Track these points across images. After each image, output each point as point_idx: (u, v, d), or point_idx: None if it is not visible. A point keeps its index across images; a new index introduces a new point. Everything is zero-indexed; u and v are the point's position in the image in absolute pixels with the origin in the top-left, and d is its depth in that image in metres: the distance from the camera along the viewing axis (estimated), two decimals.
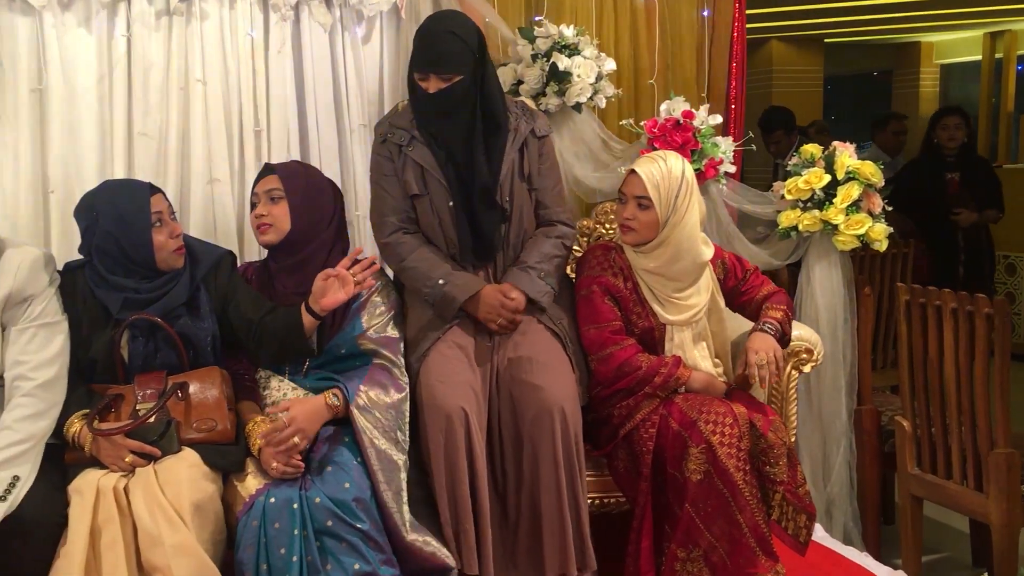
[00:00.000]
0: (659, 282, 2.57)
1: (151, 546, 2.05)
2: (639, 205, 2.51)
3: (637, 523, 2.43)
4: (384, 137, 2.60)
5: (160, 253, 2.33)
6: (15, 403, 2.15)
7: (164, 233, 2.33)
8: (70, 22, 2.81)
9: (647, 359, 2.49)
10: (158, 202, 2.36)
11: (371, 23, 3.14)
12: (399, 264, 2.56)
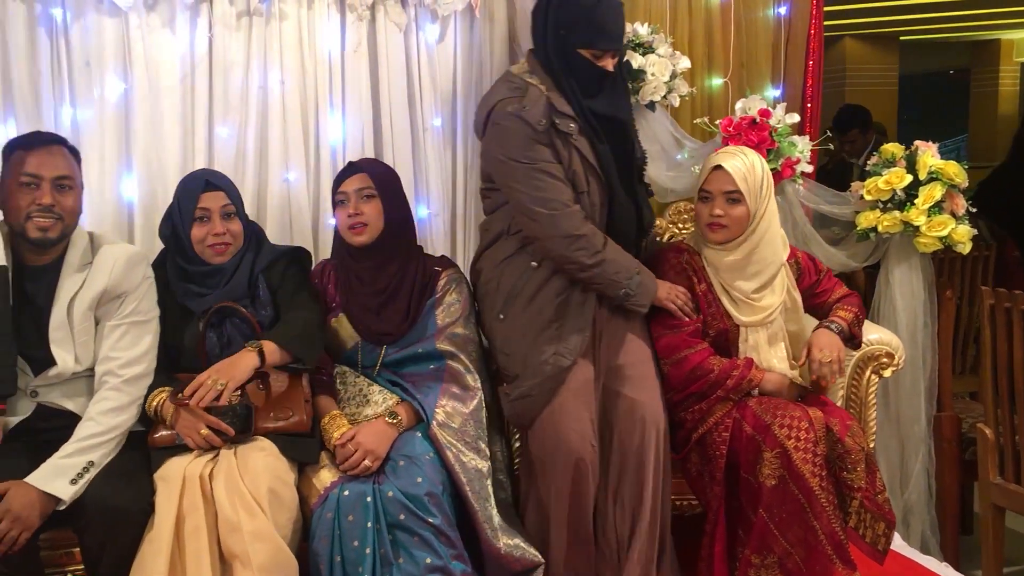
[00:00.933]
0: (735, 281, 2.52)
1: (230, 532, 2.10)
2: (729, 200, 2.46)
3: (711, 528, 2.40)
4: (549, 123, 2.34)
5: (197, 247, 2.40)
6: (101, 395, 2.22)
7: (204, 229, 2.40)
8: (154, 23, 2.88)
9: (719, 362, 2.45)
10: (209, 199, 2.41)
11: (445, 23, 3.16)
12: (594, 256, 2.33)
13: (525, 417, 2.39)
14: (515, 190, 2.36)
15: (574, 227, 2.31)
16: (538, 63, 2.42)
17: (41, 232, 2.17)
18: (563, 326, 2.38)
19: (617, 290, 2.36)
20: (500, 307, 2.44)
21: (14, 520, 1.99)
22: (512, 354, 2.42)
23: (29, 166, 2.18)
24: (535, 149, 2.32)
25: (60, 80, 2.82)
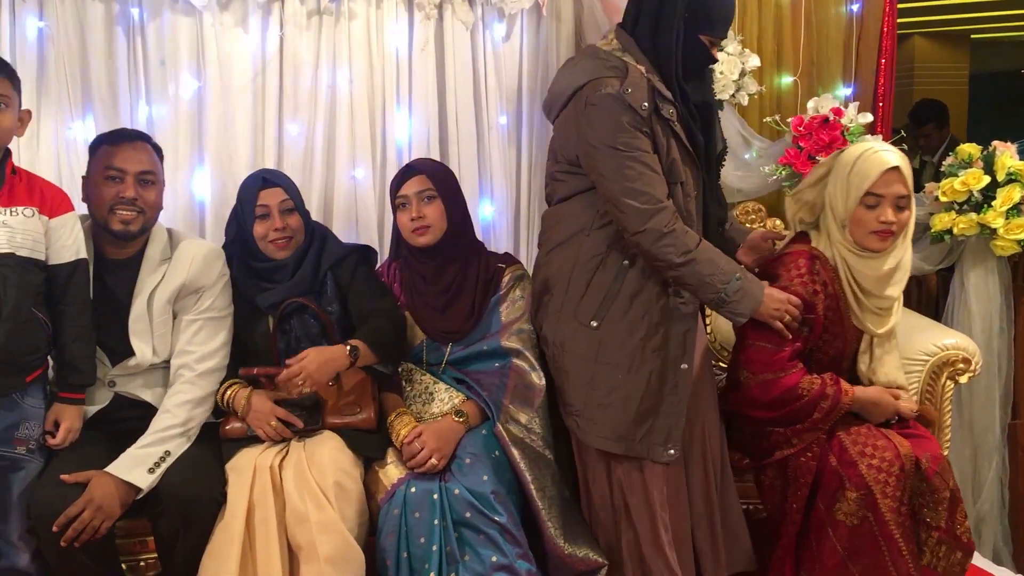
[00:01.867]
0: (884, 290, 2.33)
1: (297, 523, 2.13)
2: (899, 206, 2.26)
3: (783, 551, 2.34)
4: (652, 107, 2.18)
5: (260, 243, 2.44)
6: (177, 388, 2.26)
7: (265, 226, 2.43)
8: (228, 22, 2.94)
9: (810, 387, 2.26)
10: (267, 196, 2.45)
11: (512, 21, 3.16)
12: (684, 256, 2.16)
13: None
14: (605, 179, 2.18)
15: (664, 223, 2.14)
16: (632, 41, 2.24)
17: (123, 225, 2.22)
18: (670, 329, 2.27)
19: (710, 293, 2.19)
20: (592, 312, 2.26)
21: (96, 509, 2.04)
22: (613, 363, 2.25)
23: (114, 160, 2.24)
24: (634, 137, 2.15)
25: (136, 78, 2.89)
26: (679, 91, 2.22)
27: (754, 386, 2.31)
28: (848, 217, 2.28)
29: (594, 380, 2.26)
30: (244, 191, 2.48)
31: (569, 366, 2.30)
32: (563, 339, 2.31)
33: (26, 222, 2.07)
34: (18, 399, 2.11)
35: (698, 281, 2.18)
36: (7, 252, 2.03)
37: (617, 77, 2.18)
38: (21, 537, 2.11)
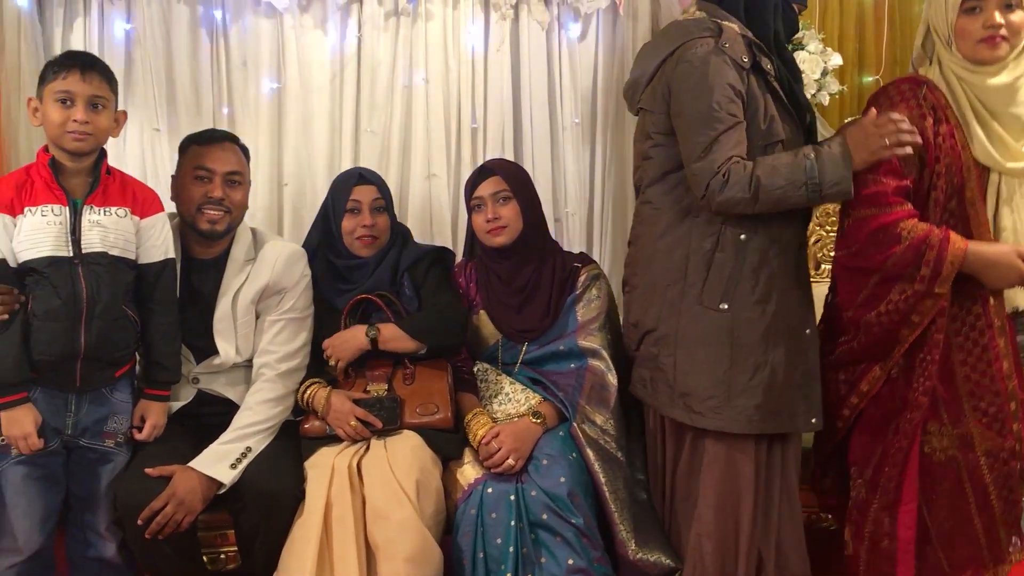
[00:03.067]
0: (999, 102, 2.03)
1: (376, 520, 2.14)
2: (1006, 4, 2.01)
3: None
4: (752, 59, 2.11)
5: (346, 238, 2.47)
6: (258, 387, 2.30)
7: (354, 221, 2.46)
8: (307, 23, 2.98)
9: (912, 230, 1.98)
10: (361, 192, 2.48)
11: (587, 21, 3.15)
12: (753, 188, 2.04)
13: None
14: (689, 134, 2.11)
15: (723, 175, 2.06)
16: (717, 6, 2.19)
17: (210, 225, 2.27)
18: (792, 296, 2.17)
19: (799, 191, 2.03)
20: (719, 295, 2.15)
21: (179, 504, 2.08)
22: (752, 342, 2.14)
23: (203, 161, 2.28)
24: (727, 97, 2.07)
25: (219, 79, 2.96)
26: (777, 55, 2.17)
27: (850, 225, 2.08)
28: (951, 31, 2.05)
29: (734, 366, 2.15)
30: (338, 185, 2.52)
31: (697, 356, 2.18)
32: (682, 330, 2.20)
33: (119, 222, 2.12)
34: (107, 394, 2.17)
35: (780, 194, 2.04)
36: (100, 251, 2.08)
37: (712, 36, 2.11)
38: (108, 528, 2.17)
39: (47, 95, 2.05)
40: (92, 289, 2.06)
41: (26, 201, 2.05)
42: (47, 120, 2.06)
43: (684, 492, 2.29)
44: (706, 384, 2.17)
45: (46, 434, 2.08)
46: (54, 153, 2.08)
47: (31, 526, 2.09)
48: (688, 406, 2.19)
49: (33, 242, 2.04)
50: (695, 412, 2.19)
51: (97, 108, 2.07)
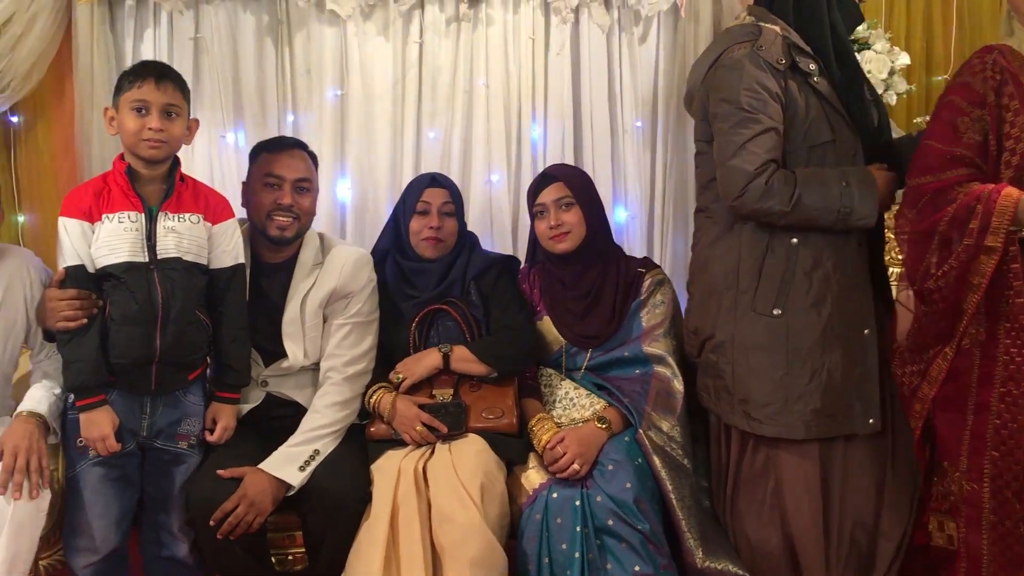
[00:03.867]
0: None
1: (442, 523, 2.15)
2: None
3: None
4: (790, 61, 2.10)
5: (413, 239, 2.49)
6: (325, 390, 2.33)
7: (422, 222, 2.48)
8: (370, 30, 3.01)
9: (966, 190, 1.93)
10: (431, 194, 2.50)
11: (648, 24, 3.13)
12: (792, 203, 2.05)
13: None
14: (721, 136, 2.13)
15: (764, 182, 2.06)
16: (766, 10, 2.21)
17: (279, 231, 2.30)
18: (849, 297, 2.15)
19: (830, 216, 2.06)
20: (772, 300, 2.15)
21: (250, 505, 2.11)
22: (807, 347, 2.13)
23: (273, 168, 2.32)
24: (762, 100, 2.08)
25: (283, 86, 3.00)
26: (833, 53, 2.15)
27: (907, 193, 2.04)
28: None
29: (790, 371, 2.14)
30: (410, 188, 2.56)
31: (753, 362, 2.18)
32: (738, 336, 2.20)
33: (192, 228, 2.16)
34: (181, 397, 2.22)
35: (814, 215, 2.07)
36: (175, 257, 2.13)
37: (749, 40, 2.13)
38: (181, 528, 2.21)
39: (123, 104, 2.10)
40: (167, 294, 2.10)
41: (104, 208, 2.10)
42: (123, 129, 2.10)
43: (748, 498, 2.27)
44: (763, 390, 2.17)
45: (122, 436, 2.14)
46: (130, 161, 2.13)
47: (107, 526, 2.14)
48: (747, 413, 2.20)
49: (111, 248, 2.09)
50: (754, 419, 2.19)
51: (171, 116, 2.11)
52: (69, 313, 2.08)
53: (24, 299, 2.18)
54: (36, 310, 2.18)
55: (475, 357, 2.39)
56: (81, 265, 2.10)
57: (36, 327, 2.21)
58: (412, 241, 2.50)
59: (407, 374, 2.39)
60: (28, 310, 2.18)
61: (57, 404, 2.15)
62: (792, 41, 2.13)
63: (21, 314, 2.18)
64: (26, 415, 2.08)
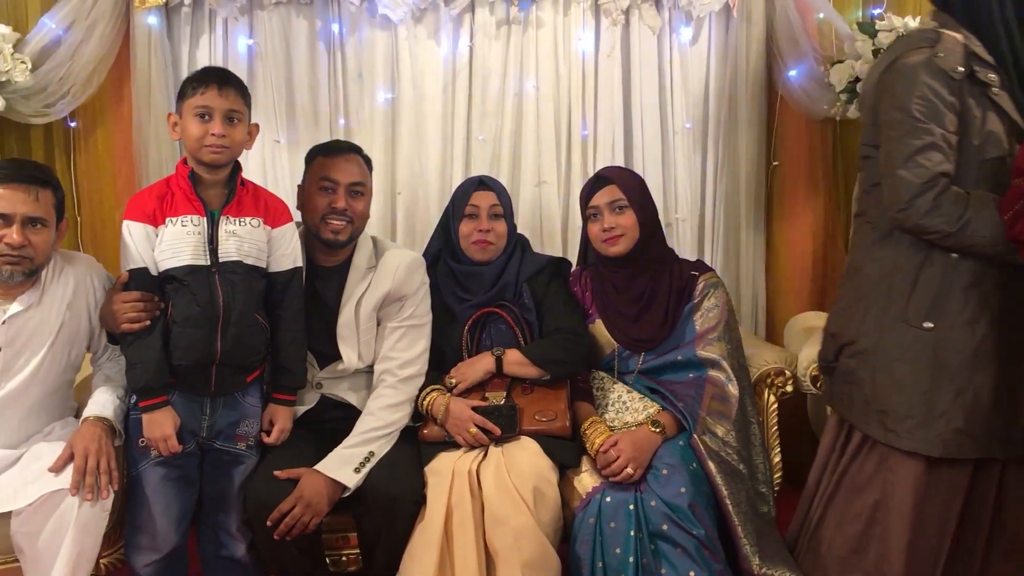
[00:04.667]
0: None
1: (495, 526, 2.15)
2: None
3: None
4: (968, 71, 1.99)
5: (463, 242, 2.50)
6: (379, 392, 2.34)
7: (471, 225, 2.49)
8: (421, 34, 3.03)
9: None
10: (480, 197, 2.51)
11: (699, 24, 3.12)
12: (957, 220, 1.96)
13: None
14: (888, 144, 2.04)
15: (933, 197, 1.96)
16: (947, 16, 2.09)
17: (333, 234, 2.32)
18: (1012, 319, 2.04)
19: (994, 248, 1.96)
20: (924, 312, 2.05)
21: (306, 506, 2.13)
22: (956, 366, 2.04)
23: (327, 171, 2.34)
24: (935, 109, 1.97)
25: (336, 90, 3.03)
26: (1012, 60, 2.04)
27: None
28: None
29: (935, 386, 2.05)
30: (458, 192, 2.57)
31: (897, 374, 2.09)
32: (883, 345, 2.11)
33: (252, 232, 2.19)
34: (239, 398, 2.25)
35: (978, 243, 1.97)
36: (236, 260, 2.16)
37: (928, 46, 2.02)
38: (239, 528, 2.24)
39: (186, 110, 2.13)
40: (228, 296, 2.13)
41: (167, 212, 2.14)
42: (186, 134, 2.14)
43: (843, 507, 2.21)
44: (904, 403, 2.08)
45: (183, 436, 2.17)
46: (192, 166, 2.16)
47: (168, 525, 2.18)
48: (883, 424, 2.10)
49: (174, 251, 2.12)
50: (890, 431, 2.10)
51: (233, 122, 2.14)
52: (132, 315, 2.11)
53: (88, 306, 2.22)
54: (100, 313, 2.23)
55: (528, 361, 2.39)
56: (144, 268, 2.13)
57: (99, 331, 2.25)
58: (462, 244, 2.51)
59: (460, 378, 2.40)
60: (91, 316, 2.23)
61: (121, 407, 2.19)
62: (972, 50, 2.03)
63: (85, 319, 2.22)
64: (93, 419, 2.12)
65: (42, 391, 2.19)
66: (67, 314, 2.18)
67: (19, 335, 2.14)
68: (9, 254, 2.05)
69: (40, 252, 2.10)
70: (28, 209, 2.06)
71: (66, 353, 2.20)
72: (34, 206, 2.07)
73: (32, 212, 2.07)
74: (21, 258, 2.07)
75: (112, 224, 2.90)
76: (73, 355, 2.23)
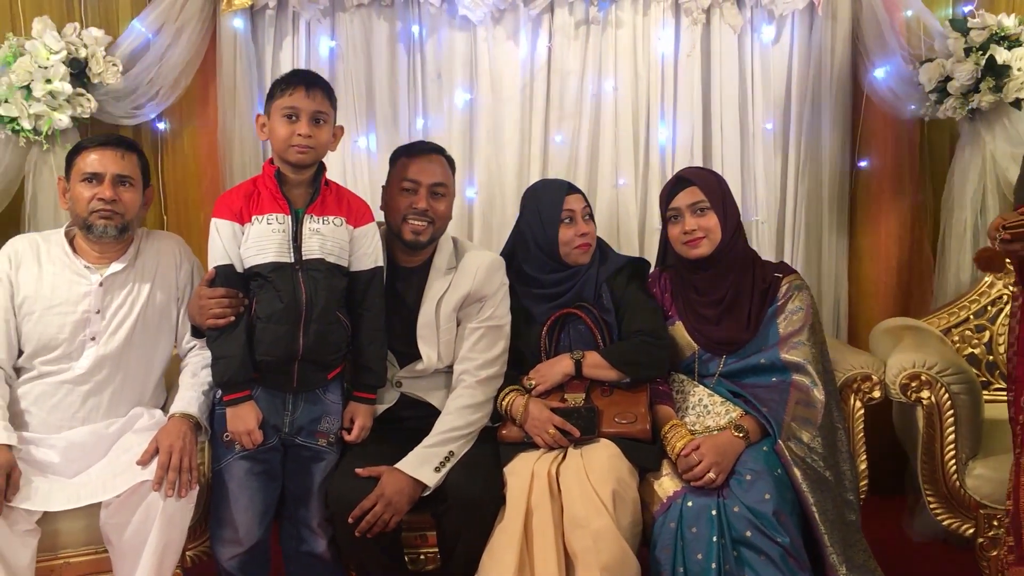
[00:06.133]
0: None
1: (574, 528, 2.13)
2: None
3: None
4: None
5: (564, 248, 2.46)
6: (458, 393, 2.34)
7: (571, 230, 2.46)
8: (500, 35, 3.03)
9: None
10: (573, 201, 2.48)
11: (782, 23, 3.06)
12: None
13: None
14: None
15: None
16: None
17: (414, 235, 2.33)
18: None
19: None
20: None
21: (388, 504, 2.14)
22: None
23: (409, 172, 2.35)
24: None
25: (415, 92, 3.05)
26: None
27: None
28: None
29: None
30: (547, 197, 2.52)
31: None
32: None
33: (335, 231, 2.21)
34: (321, 395, 2.27)
35: None
36: (318, 258, 2.18)
37: None
38: (320, 524, 2.26)
39: (274, 111, 2.17)
40: (311, 293, 2.16)
41: (253, 210, 2.18)
42: (274, 134, 2.17)
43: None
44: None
45: (266, 431, 2.20)
46: (279, 165, 2.20)
47: (251, 519, 2.21)
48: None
49: (259, 248, 2.16)
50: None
51: (319, 123, 2.17)
52: (218, 311, 2.15)
53: (176, 279, 2.36)
54: (187, 308, 2.28)
55: (608, 364, 2.37)
56: (230, 265, 2.17)
57: (184, 309, 2.33)
58: (563, 251, 2.47)
59: (540, 380, 2.39)
60: (178, 288, 2.36)
61: (206, 403, 2.23)
62: None
63: (173, 291, 2.35)
64: (179, 416, 2.17)
65: (135, 360, 2.28)
66: (157, 283, 2.31)
67: (114, 298, 2.26)
68: (103, 209, 2.21)
69: (129, 209, 2.26)
70: (117, 168, 2.24)
71: (156, 325, 2.31)
72: (122, 164, 2.25)
73: (121, 170, 2.25)
74: (113, 213, 2.22)
75: (197, 223, 2.96)
76: (163, 331, 2.33)
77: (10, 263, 2.26)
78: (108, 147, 2.25)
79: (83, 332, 2.24)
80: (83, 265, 2.27)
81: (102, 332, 2.25)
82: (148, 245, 2.36)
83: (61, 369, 2.23)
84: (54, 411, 2.22)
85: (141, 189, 2.31)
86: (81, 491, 2.09)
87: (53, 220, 2.72)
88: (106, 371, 2.25)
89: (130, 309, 2.27)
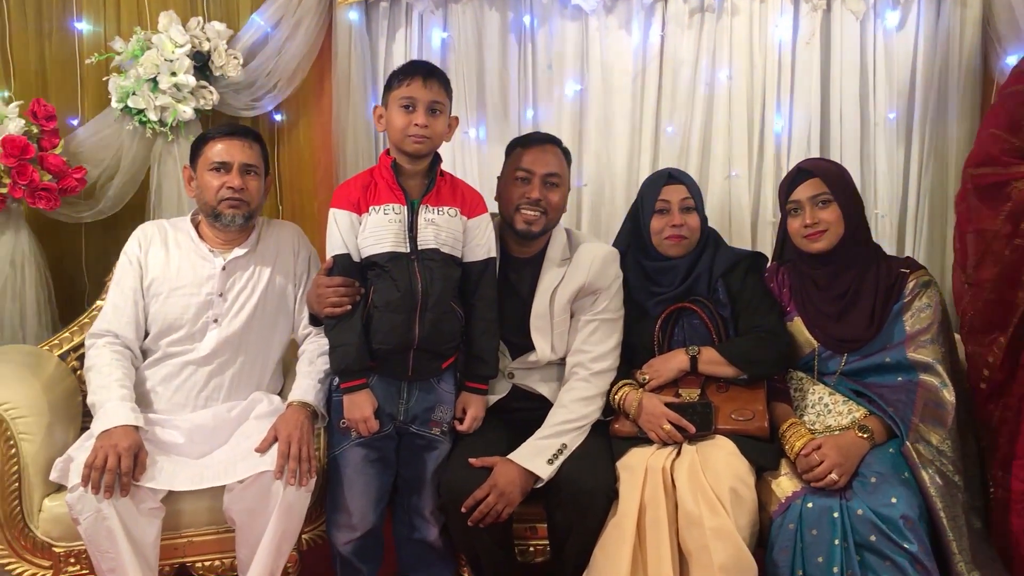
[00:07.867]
0: None
1: (689, 526, 2.09)
2: None
3: None
4: None
5: (655, 238, 2.42)
6: (571, 385, 2.33)
7: (663, 221, 2.42)
8: (612, 24, 2.99)
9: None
10: (670, 191, 2.43)
11: (907, 8, 2.94)
12: None
13: None
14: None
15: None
16: None
17: (527, 225, 2.32)
18: None
19: None
20: None
21: (500, 495, 2.14)
22: None
23: (524, 162, 2.35)
24: None
25: (525, 82, 3.04)
26: None
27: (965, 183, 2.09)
28: None
29: None
30: (647, 186, 2.51)
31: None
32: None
33: (450, 221, 2.22)
34: (435, 384, 2.28)
35: None
36: (433, 248, 2.19)
37: None
38: (432, 512, 2.28)
39: (392, 101, 2.18)
40: (426, 283, 2.17)
41: (371, 200, 2.20)
42: (391, 125, 2.19)
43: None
44: None
45: (381, 419, 2.22)
46: (395, 156, 2.21)
47: (366, 505, 2.24)
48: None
49: (377, 238, 2.18)
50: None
51: (435, 113, 2.18)
52: (335, 300, 2.19)
53: (294, 266, 2.41)
54: (306, 296, 2.33)
55: (725, 360, 2.31)
56: (348, 254, 2.20)
57: (302, 295, 2.38)
58: (654, 241, 2.45)
59: (653, 375, 2.35)
60: (296, 274, 2.41)
61: (323, 391, 2.27)
62: None
63: (291, 276, 2.41)
64: (297, 404, 2.22)
65: (254, 343, 2.35)
66: (277, 269, 2.37)
67: (236, 282, 2.33)
68: (232, 197, 2.28)
69: (255, 197, 2.33)
70: (244, 157, 2.30)
71: (275, 309, 2.37)
72: (249, 153, 2.32)
73: (247, 160, 2.31)
74: (240, 201, 2.29)
75: (312, 213, 3.01)
76: (281, 316, 2.39)
77: (140, 246, 2.35)
78: (235, 137, 2.31)
79: (206, 314, 2.31)
80: (207, 249, 2.34)
81: (224, 314, 2.31)
82: (268, 232, 2.41)
83: (185, 350, 2.30)
84: (178, 391, 2.29)
85: (263, 178, 2.36)
86: (205, 472, 2.15)
87: (177, 208, 2.81)
88: (228, 353, 2.31)
89: (251, 293, 2.33)
